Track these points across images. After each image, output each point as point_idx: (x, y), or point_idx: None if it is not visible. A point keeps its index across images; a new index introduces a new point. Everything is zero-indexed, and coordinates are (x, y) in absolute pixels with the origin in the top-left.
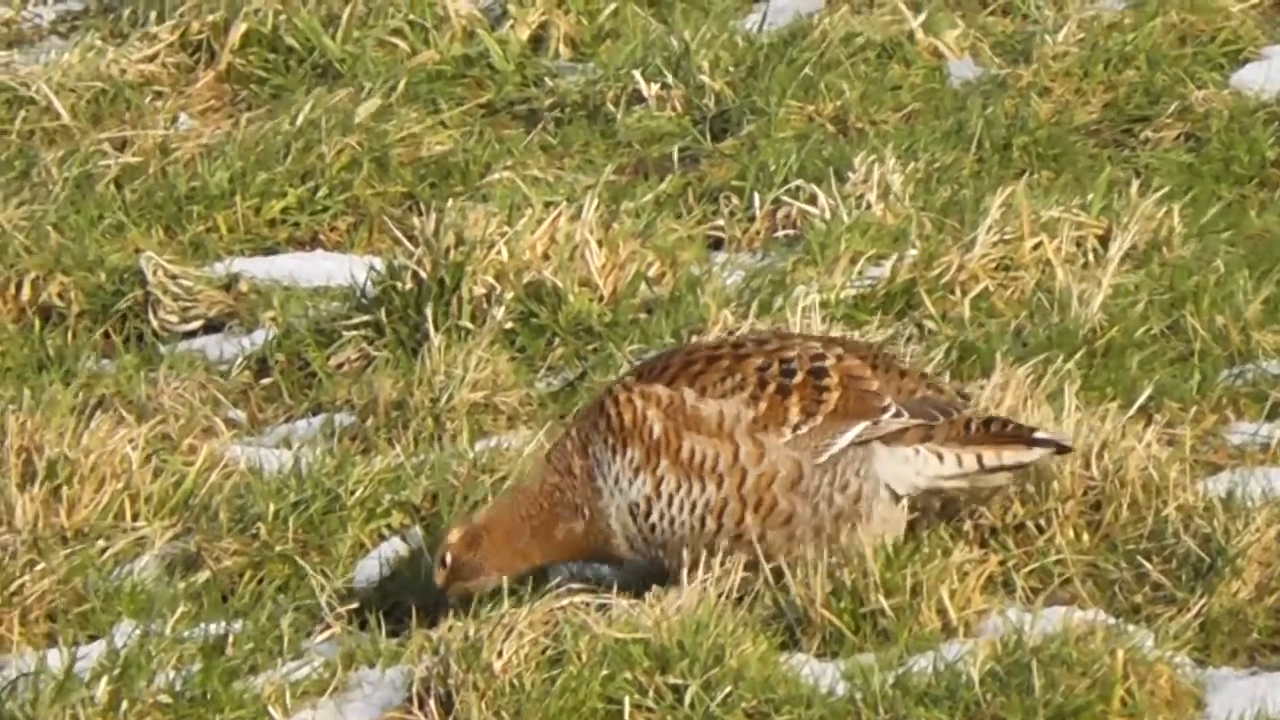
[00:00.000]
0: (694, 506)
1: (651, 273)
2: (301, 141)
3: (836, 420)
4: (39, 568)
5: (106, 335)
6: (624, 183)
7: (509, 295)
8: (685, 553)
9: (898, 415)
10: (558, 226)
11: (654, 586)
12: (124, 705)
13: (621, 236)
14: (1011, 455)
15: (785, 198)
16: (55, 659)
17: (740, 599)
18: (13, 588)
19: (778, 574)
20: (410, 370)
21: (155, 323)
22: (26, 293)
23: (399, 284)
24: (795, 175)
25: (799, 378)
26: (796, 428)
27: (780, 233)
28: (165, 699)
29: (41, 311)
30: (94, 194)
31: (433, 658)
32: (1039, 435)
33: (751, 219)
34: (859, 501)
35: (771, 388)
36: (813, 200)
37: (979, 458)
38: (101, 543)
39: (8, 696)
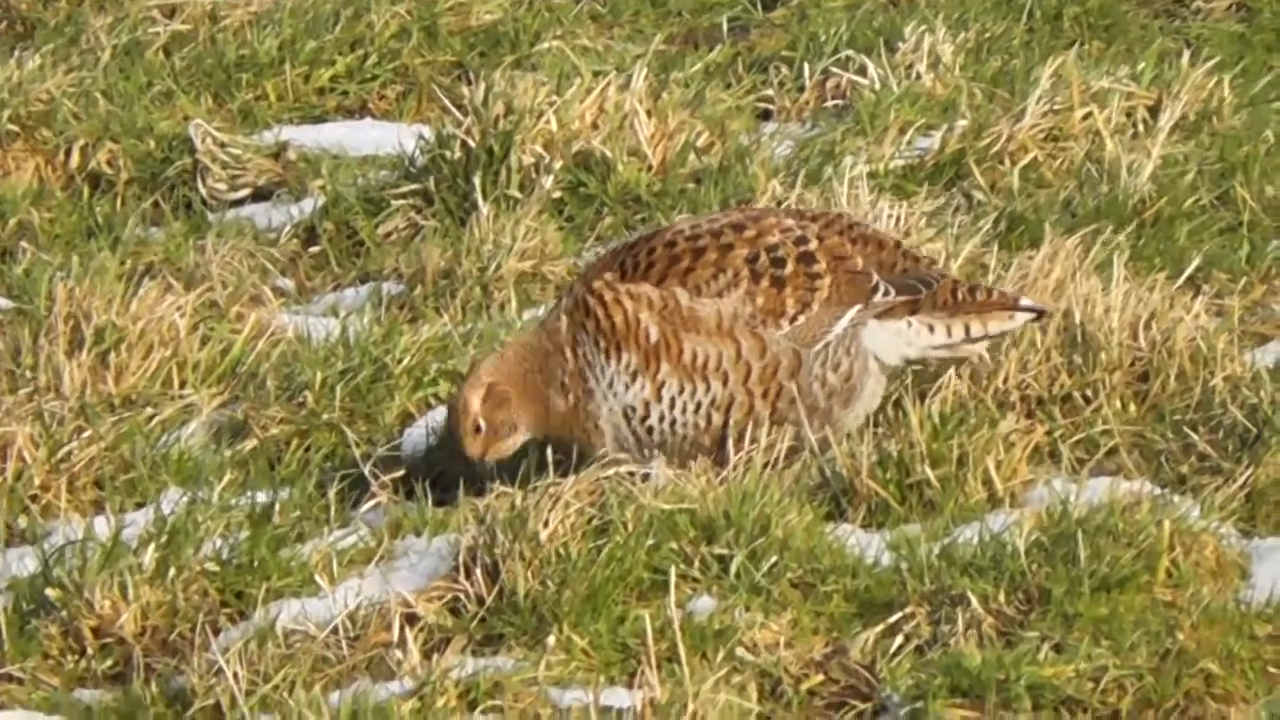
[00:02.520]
0: (698, 406)
1: (700, 142)
2: (351, 9)
3: (830, 307)
4: (86, 434)
5: (155, 203)
6: (673, 52)
7: (557, 164)
8: (688, 449)
9: (886, 294)
10: (607, 96)
11: (699, 457)
12: (171, 572)
13: (670, 106)
14: (996, 324)
15: (835, 68)
16: (103, 526)
17: (786, 469)
18: (60, 454)
19: (823, 444)
20: (458, 239)
21: (204, 190)
22: (75, 160)
23: (447, 153)
24: (845, 45)
25: (790, 267)
26: (794, 319)
27: (829, 103)
28: (212, 566)
29: (90, 179)
30: (143, 61)
31: (479, 527)
32: (1023, 302)
33: (801, 89)
34: (850, 379)
35: (765, 281)
36: (862, 71)
37: (966, 327)
38: (149, 410)
39: (55, 563)
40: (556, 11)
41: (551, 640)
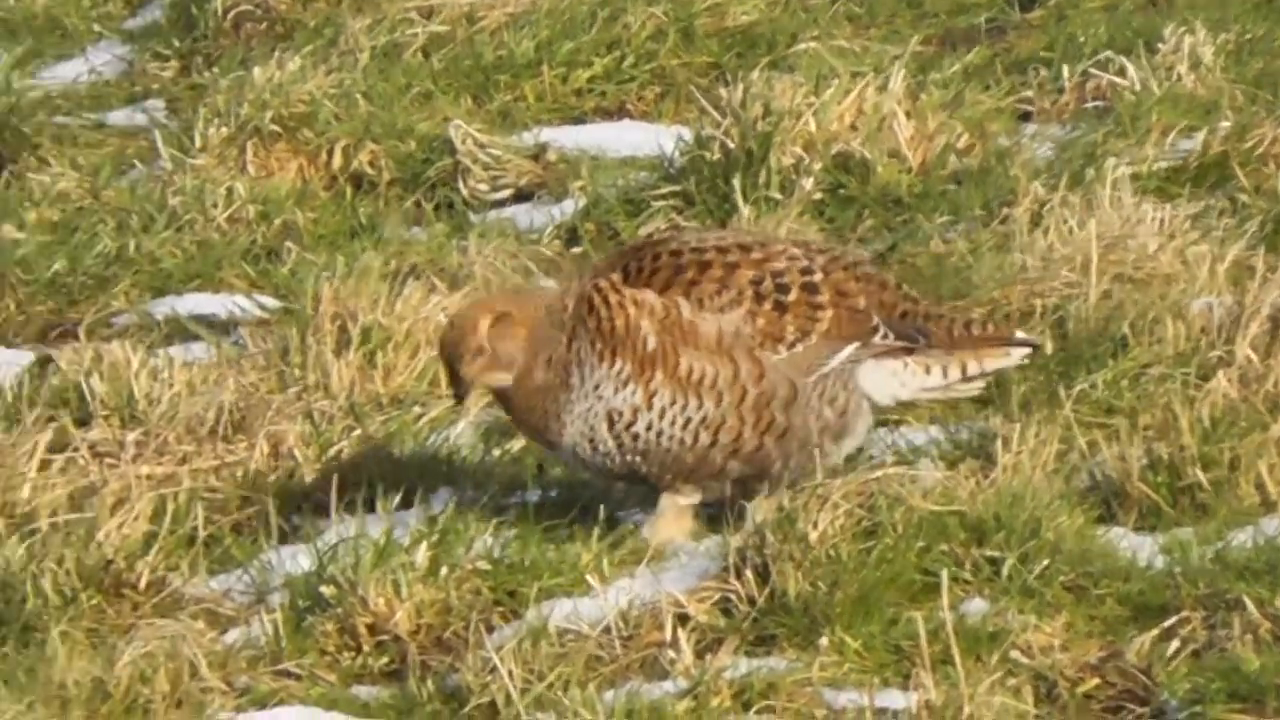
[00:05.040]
0: (688, 422)
1: (960, 144)
2: (607, 10)
3: (829, 341)
4: (356, 433)
5: (417, 203)
6: (931, 54)
7: (817, 166)
8: (669, 462)
9: (885, 336)
10: (865, 97)
11: (967, 459)
12: (443, 571)
13: (929, 108)
14: (992, 362)
15: (1094, 69)
16: (374, 525)
17: (1055, 471)
18: (331, 453)
19: (1092, 446)
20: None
21: (465, 191)
22: (338, 160)
23: (707, 154)
24: (1104, 46)
25: (793, 294)
26: (792, 345)
27: (1089, 104)
28: (484, 565)
29: (353, 179)
30: (401, 62)
31: (749, 529)
32: (1017, 337)
33: (1060, 90)
34: (844, 415)
35: (768, 304)
36: (1122, 72)
37: (963, 366)
38: (417, 409)
39: (329, 561)
40: (813, 12)
41: (825, 641)
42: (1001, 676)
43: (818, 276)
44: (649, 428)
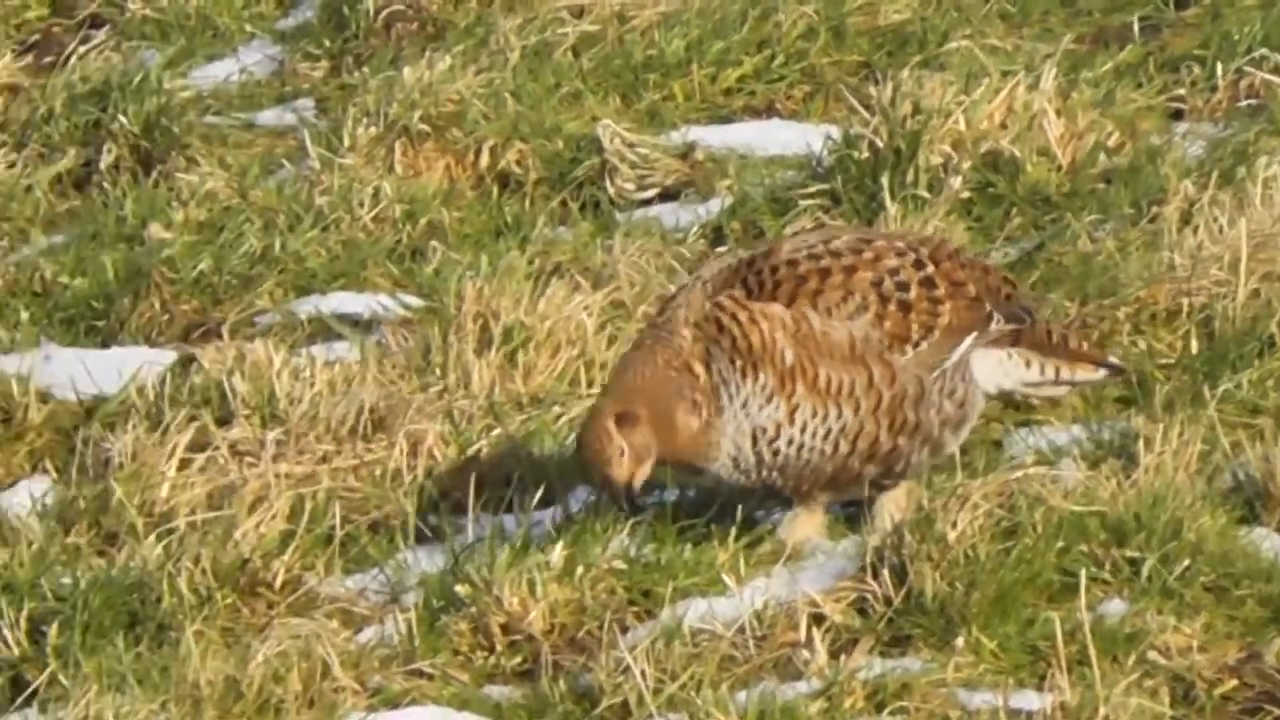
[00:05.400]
0: (828, 432)
1: (1111, 142)
2: (758, 9)
3: (951, 335)
4: (495, 433)
5: (563, 202)
6: (1083, 52)
7: (966, 164)
8: (807, 474)
9: (998, 322)
10: (1015, 96)
11: (1109, 459)
12: (578, 570)
13: (1080, 106)
14: (1082, 374)
15: (1248, 67)
16: (511, 524)
17: (1198, 472)
18: (470, 452)
19: (1236, 447)
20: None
21: (611, 190)
22: (485, 160)
23: (855, 153)
24: (1259, 44)
25: (914, 292)
26: (917, 345)
27: (1242, 102)
28: (619, 564)
29: (499, 178)
30: (551, 62)
31: (886, 528)
32: (1109, 360)
33: (1213, 89)
34: (963, 405)
35: (893, 305)
36: (1276, 70)
37: (1057, 369)
38: (556, 409)
39: (465, 559)
40: (965, 11)
41: (960, 642)
42: (1138, 678)
43: (930, 269)
44: (790, 442)
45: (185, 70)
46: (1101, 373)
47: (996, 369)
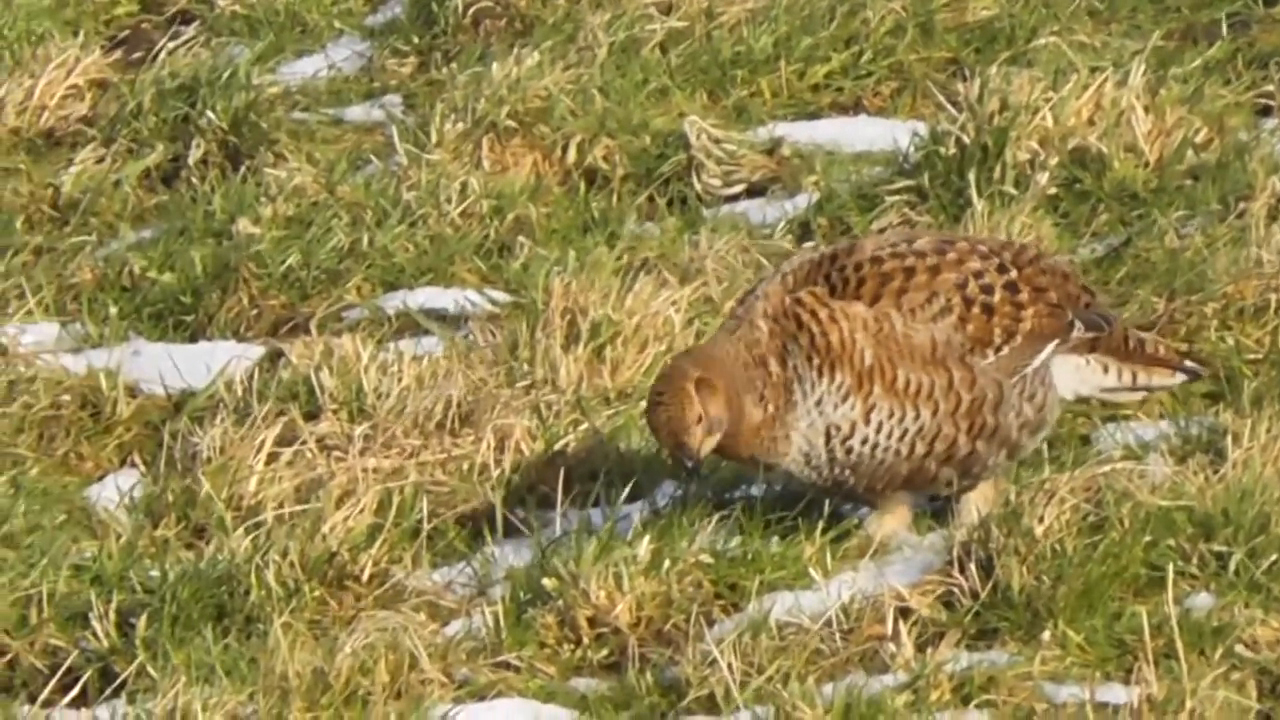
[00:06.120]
0: (904, 433)
1: (1198, 139)
2: (846, 6)
3: (1033, 340)
4: (582, 427)
5: (650, 198)
6: (1172, 48)
7: (1053, 161)
8: (881, 473)
9: (1078, 330)
10: (1103, 92)
11: (1197, 454)
12: (665, 564)
13: (1168, 102)
14: (1159, 379)
15: None
16: (598, 517)
17: None
18: (557, 446)
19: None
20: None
21: (698, 186)
22: (572, 155)
23: (942, 149)
24: None
25: (997, 295)
26: (999, 349)
27: None
28: (706, 558)
29: (586, 174)
30: (639, 58)
31: (973, 523)
32: (1186, 364)
33: None
34: (1043, 410)
35: (976, 308)
36: None
37: (1134, 375)
38: (644, 403)
39: (552, 553)
40: (1053, 7)
41: (1046, 635)
42: (1225, 671)
43: (1014, 274)
44: (864, 441)
45: (274, 66)
46: (1179, 377)
47: (1074, 375)
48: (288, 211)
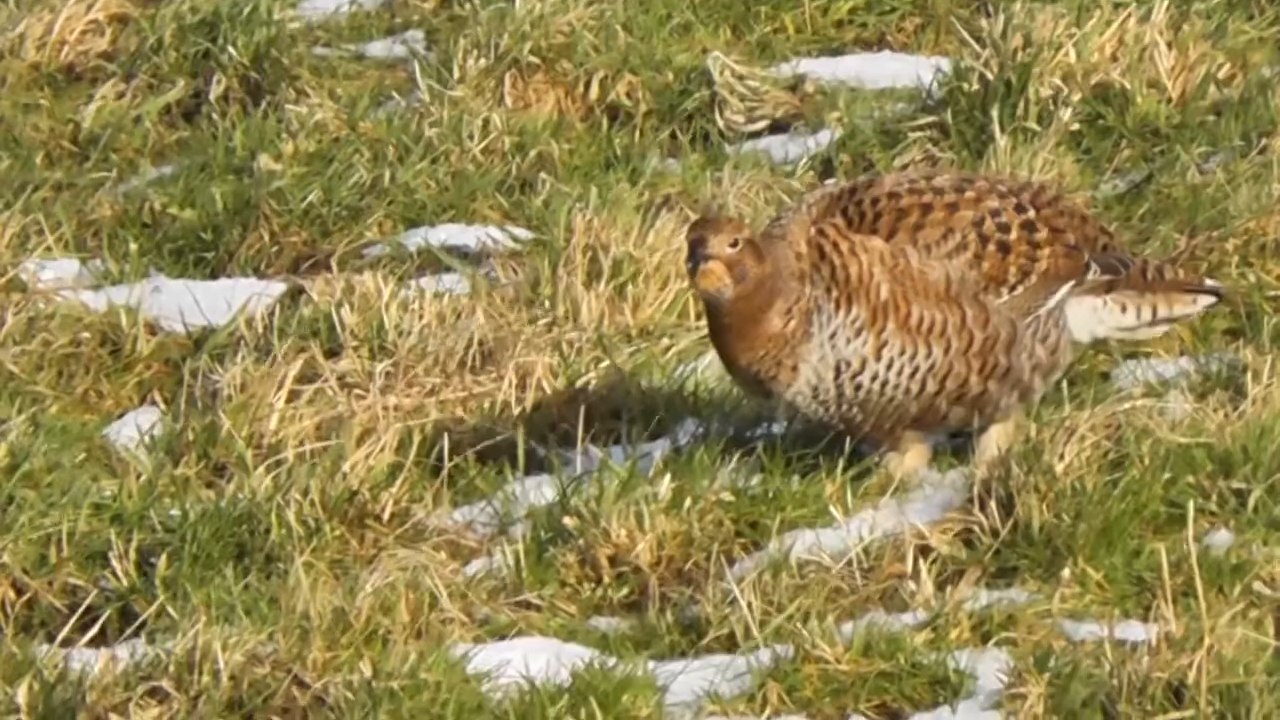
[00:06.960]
0: (915, 371)
1: (1221, 75)
2: None
3: (1048, 281)
4: (604, 365)
5: (673, 135)
6: None
7: (1076, 97)
8: (890, 411)
9: (1094, 272)
10: (1126, 28)
11: (1216, 391)
12: (686, 503)
13: (1191, 38)
14: (1180, 307)
15: None
16: (619, 456)
17: None
18: (578, 384)
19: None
20: (975, 172)
21: (721, 123)
22: (595, 91)
23: (965, 85)
24: None
25: (1014, 234)
26: (1014, 288)
27: None
28: (727, 496)
29: (609, 110)
30: None
31: (994, 460)
32: (1206, 284)
33: None
34: (1055, 352)
35: (992, 246)
36: None
37: (1154, 308)
38: (665, 341)
39: (573, 492)
40: None
41: (1066, 573)
42: (1244, 608)
43: (1032, 213)
44: (874, 378)
45: (295, 1)
46: (1200, 304)
47: (1091, 316)
48: (309, 148)
